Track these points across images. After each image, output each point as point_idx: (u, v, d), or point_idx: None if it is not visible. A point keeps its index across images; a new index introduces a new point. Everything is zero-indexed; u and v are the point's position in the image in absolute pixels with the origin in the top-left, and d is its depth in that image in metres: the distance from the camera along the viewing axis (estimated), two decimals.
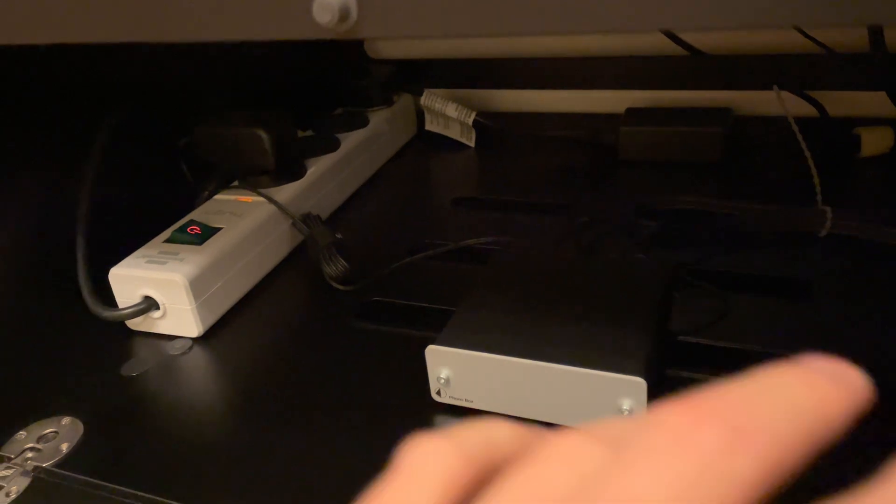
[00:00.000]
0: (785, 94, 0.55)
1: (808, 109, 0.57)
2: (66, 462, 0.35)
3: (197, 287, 0.42)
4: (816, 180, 0.48)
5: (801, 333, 0.38)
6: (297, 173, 0.53)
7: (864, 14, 0.17)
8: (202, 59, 0.58)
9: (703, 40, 0.60)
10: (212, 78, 0.59)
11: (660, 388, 0.35)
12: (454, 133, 0.67)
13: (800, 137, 0.50)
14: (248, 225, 0.47)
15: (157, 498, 0.33)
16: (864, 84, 0.58)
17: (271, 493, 0.32)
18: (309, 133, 0.61)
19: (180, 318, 0.43)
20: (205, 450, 0.35)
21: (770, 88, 0.56)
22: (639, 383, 0.31)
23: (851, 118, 0.58)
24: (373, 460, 0.33)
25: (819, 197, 0.48)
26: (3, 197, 0.45)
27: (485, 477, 0.14)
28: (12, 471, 0.35)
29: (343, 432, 0.35)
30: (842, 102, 0.58)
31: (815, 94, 0.58)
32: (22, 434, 0.37)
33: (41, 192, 0.47)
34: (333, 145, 0.58)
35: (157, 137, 0.54)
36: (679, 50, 0.60)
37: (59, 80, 0.48)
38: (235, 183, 0.52)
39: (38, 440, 0.37)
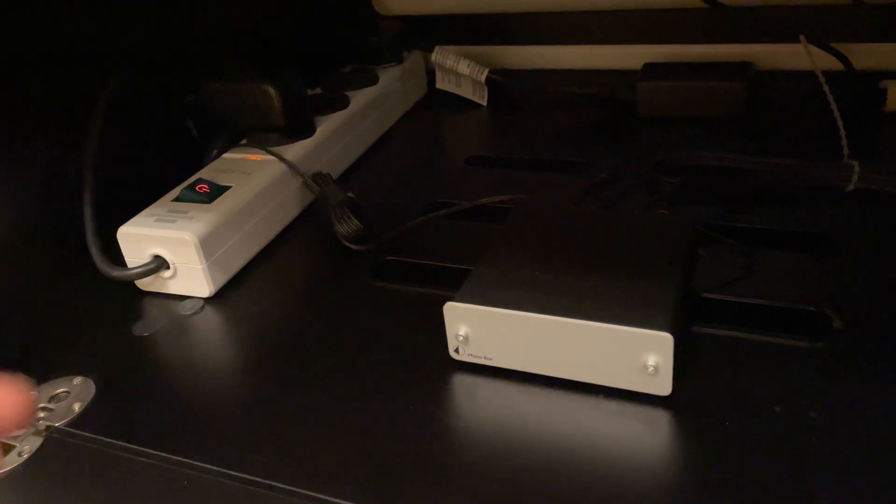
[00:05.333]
0: (809, 46, 0.53)
1: (832, 62, 0.55)
2: (79, 421, 0.35)
3: (207, 246, 0.41)
4: (843, 134, 0.47)
5: (827, 289, 0.37)
6: (306, 131, 0.52)
7: None
8: (209, 16, 0.57)
9: None
10: (219, 35, 0.58)
11: (684, 345, 0.34)
12: (466, 91, 0.66)
13: (826, 89, 0.48)
14: (257, 183, 0.46)
15: (170, 456, 0.32)
16: (891, 35, 0.56)
17: (285, 452, 0.32)
18: (318, 91, 0.59)
19: (191, 278, 0.42)
20: (217, 409, 0.35)
21: (792, 41, 0.54)
22: (666, 338, 0.30)
23: (877, 71, 0.56)
24: (390, 420, 0.33)
25: (846, 151, 0.46)
26: (9, 157, 0.44)
27: None
28: (24, 430, 0.34)
29: (358, 392, 0.34)
30: (867, 54, 0.56)
31: (840, 47, 0.56)
32: (33, 394, 0.37)
33: (47, 152, 0.46)
34: (343, 103, 0.56)
35: (164, 94, 0.53)
36: (698, 2, 0.58)
37: (64, 36, 0.46)
38: (244, 141, 0.51)
39: (50, 400, 0.36)
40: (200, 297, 0.42)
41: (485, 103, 0.65)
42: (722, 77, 0.57)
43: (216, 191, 0.44)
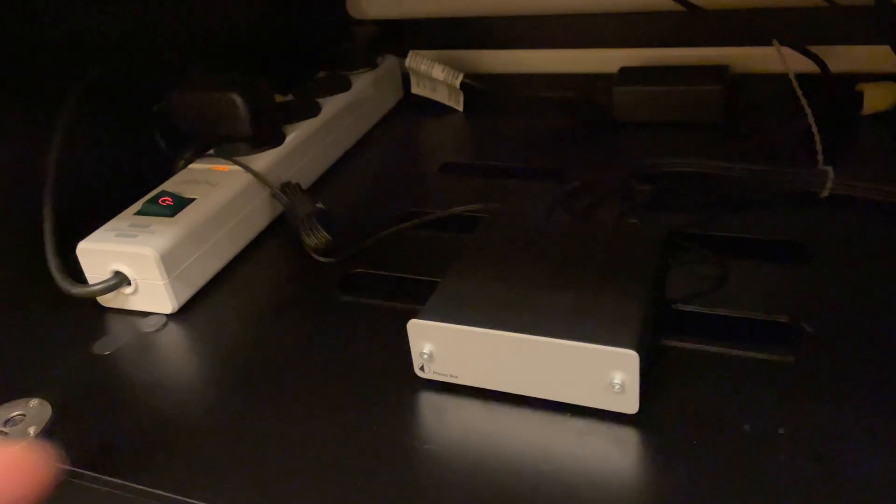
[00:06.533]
0: (785, 49, 0.53)
1: (808, 65, 0.55)
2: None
3: (169, 261, 0.40)
4: (817, 139, 0.46)
5: (801, 298, 0.37)
6: (275, 140, 0.51)
7: None
8: (177, 23, 0.55)
9: None
10: (187, 42, 0.57)
11: (654, 360, 0.33)
12: (441, 96, 0.65)
13: (800, 94, 0.48)
14: (223, 195, 0.45)
15: (129, 484, 0.31)
16: (868, 38, 0.56)
17: (250, 473, 0.31)
18: (289, 98, 0.59)
19: (153, 294, 0.41)
20: (180, 431, 0.34)
21: (769, 44, 0.54)
22: (631, 356, 0.29)
23: (854, 74, 0.55)
24: (355, 438, 0.32)
25: (820, 157, 0.46)
26: None
27: None
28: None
29: (324, 410, 0.34)
30: (844, 57, 0.56)
31: (816, 49, 0.55)
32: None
33: (5, 162, 0.44)
34: (314, 110, 0.55)
35: (129, 104, 0.51)
36: (674, 5, 0.57)
37: (25, 43, 0.45)
38: (212, 151, 0.50)
39: (5, 423, 0.35)
40: (163, 314, 0.41)
41: (460, 108, 0.64)
42: (699, 81, 0.56)
43: (179, 203, 0.43)
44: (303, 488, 0.30)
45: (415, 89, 0.66)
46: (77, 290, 0.41)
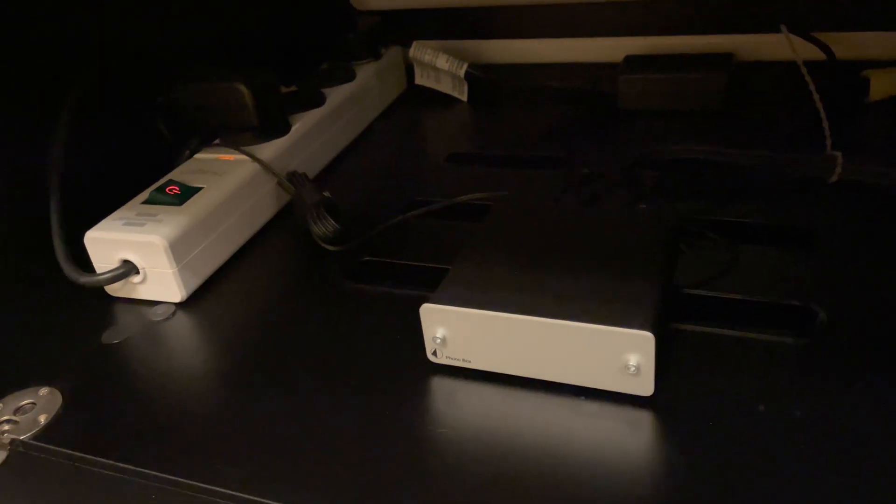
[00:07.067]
0: (790, 36, 0.53)
1: (813, 52, 0.55)
2: (45, 434, 0.33)
3: (177, 249, 0.40)
4: (826, 124, 0.46)
5: (810, 283, 0.37)
6: (281, 130, 0.51)
7: None
8: (181, 14, 0.55)
9: None
10: (192, 33, 0.57)
11: (666, 343, 0.33)
12: (446, 87, 0.65)
13: (808, 80, 0.47)
14: (230, 184, 0.45)
15: (140, 469, 0.31)
16: (873, 24, 0.56)
17: (262, 461, 0.31)
18: (293, 89, 0.58)
19: (161, 283, 0.41)
20: (189, 419, 0.34)
21: (774, 31, 0.54)
22: (647, 338, 0.29)
23: (859, 60, 0.55)
24: (366, 427, 0.32)
25: (828, 142, 0.45)
26: None
27: None
28: None
29: (335, 398, 0.34)
30: (849, 44, 0.56)
31: (822, 36, 0.55)
32: None
33: (12, 153, 0.44)
34: (319, 100, 0.55)
35: (134, 94, 0.51)
36: None
37: (32, 35, 0.45)
38: (217, 141, 0.50)
39: (15, 412, 0.35)
40: (172, 303, 0.41)
41: (465, 98, 0.64)
42: (704, 68, 0.56)
43: (187, 192, 0.43)
44: (315, 473, 0.30)
45: (419, 80, 0.66)
46: (85, 278, 0.41)
